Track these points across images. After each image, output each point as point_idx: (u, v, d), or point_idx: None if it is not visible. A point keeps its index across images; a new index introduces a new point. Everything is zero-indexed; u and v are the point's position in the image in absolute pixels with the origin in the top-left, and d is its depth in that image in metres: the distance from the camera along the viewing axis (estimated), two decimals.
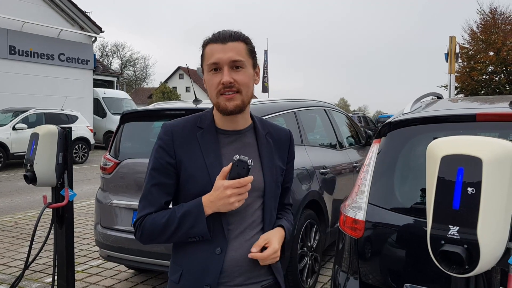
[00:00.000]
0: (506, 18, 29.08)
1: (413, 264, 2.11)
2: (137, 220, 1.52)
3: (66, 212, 3.35)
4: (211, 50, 1.48)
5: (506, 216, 1.23)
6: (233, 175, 1.39)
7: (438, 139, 1.32)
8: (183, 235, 1.46)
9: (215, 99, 1.49)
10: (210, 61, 1.47)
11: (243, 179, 1.38)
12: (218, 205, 1.41)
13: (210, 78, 1.49)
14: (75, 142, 14.78)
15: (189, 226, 1.44)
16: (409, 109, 2.51)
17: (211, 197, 1.42)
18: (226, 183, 1.38)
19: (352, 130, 6.26)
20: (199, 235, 1.45)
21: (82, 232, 6.44)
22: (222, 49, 1.46)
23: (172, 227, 1.45)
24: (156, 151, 1.54)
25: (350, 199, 2.41)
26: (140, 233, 1.51)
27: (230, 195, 1.38)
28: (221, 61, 1.46)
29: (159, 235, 1.48)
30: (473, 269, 1.18)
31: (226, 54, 1.46)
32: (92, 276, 4.75)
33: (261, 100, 4.58)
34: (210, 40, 1.50)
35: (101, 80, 25.67)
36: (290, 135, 1.70)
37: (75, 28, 20.80)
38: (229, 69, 1.46)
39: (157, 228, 1.47)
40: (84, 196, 9.11)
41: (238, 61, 1.47)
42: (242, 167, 1.37)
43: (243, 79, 1.48)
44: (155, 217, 1.48)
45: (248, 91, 1.51)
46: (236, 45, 1.48)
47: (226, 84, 1.45)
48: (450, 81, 15.16)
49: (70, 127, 3.42)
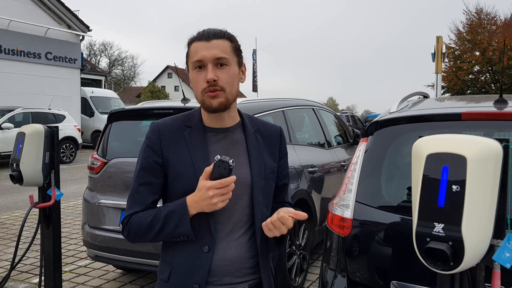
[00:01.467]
0: (491, 18, 29.47)
1: (399, 261, 2.13)
2: (125, 219, 1.52)
3: (53, 212, 3.33)
4: (195, 48, 1.49)
5: (490, 214, 1.25)
6: (215, 175, 1.38)
7: (423, 138, 1.34)
8: (168, 235, 1.47)
9: (200, 97, 1.49)
10: (194, 58, 1.48)
11: (225, 180, 1.37)
12: (201, 206, 1.41)
13: (195, 76, 1.49)
14: (62, 142, 14.64)
15: (173, 226, 1.44)
16: (395, 108, 2.53)
17: (195, 197, 1.42)
18: (208, 184, 1.38)
19: (340, 129, 6.29)
20: (183, 235, 1.45)
21: (70, 232, 6.39)
22: (206, 46, 1.46)
23: (157, 227, 1.46)
24: (144, 151, 1.54)
25: (337, 198, 2.42)
26: (127, 232, 1.51)
27: (212, 195, 1.38)
28: (205, 59, 1.46)
29: (144, 234, 1.49)
30: (458, 265, 1.19)
31: (210, 52, 1.46)
32: (80, 276, 4.71)
33: (250, 99, 4.58)
34: (195, 38, 1.50)
35: (88, 79, 25.44)
36: (280, 132, 1.70)
37: (62, 26, 20.59)
38: (213, 66, 1.46)
39: (143, 227, 1.47)
40: (72, 195, 9.03)
41: (222, 58, 1.47)
42: (223, 167, 1.36)
43: (227, 77, 1.48)
44: (141, 216, 1.49)
45: (233, 89, 1.51)
46: (220, 42, 1.48)
47: (210, 81, 1.45)
48: (437, 80, 15.32)
49: (57, 127, 3.39)
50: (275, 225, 1.42)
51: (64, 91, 19.95)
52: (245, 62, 1.59)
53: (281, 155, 1.68)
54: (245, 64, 1.59)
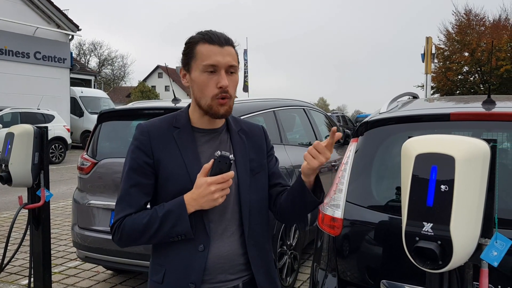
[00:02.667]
0: (480, 19, 29.76)
1: (389, 260, 2.14)
2: (115, 222, 1.50)
3: (43, 212, 3.30)
4: (208, 50, 1.48)
5: (478, 213, 1.26)
6: (215, 171, 1.40)
7: (412, 138, 1.35)
8: (165, 235, 1.46)
9: (209, 101, 1.50)
10: (207, 62, 1.47)
11: (225, 174, 1.40)
12: (201, 202, 1.42)
13: (204, 79, 1.49)
14: (51, 142, 14.53)
15: (171, 225, 1.44)
16: (385, 108, 2.55)
17: (194, 195, 1.42)
18: (209, 180, 1.39)
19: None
20: (181, 234, 1.45)
21: (59, 233, 6.34)
22: (220, 52, 1.48)
23: (153, 227, 1.45)
24: (133, 152, 1.53)
25: (328, 198, 2.43)
26: (119, 235, 1.49)
27: (214, 191, 1.39)
28: (220, 64, 1.47)
29: (139, 236, 1.47)
30: (446, 264, 1.21)
31: (224, 58, 1.48)
32: (70, 277, 4.68)
33: (241, 100, 4.58)
34: (206, 40, 1.49)
35: (78, 79, 25.25)
36: (263, 130, 1.75)
37: (51, 26, 20.42)
38: (225, 73, 1.49)
39: (138, 229, 1.46)
40: (61, 196, 8.97)
41: (234, 66, 1.51)
42: (224, 162, 1.39)
43: (234, 85, 1.54)
44: (135, 218, 1.47)
45: (234, 96, 1.56)
46: (231, 50, 1.52)
47: (224, 87, 1.47)
48: (427, 81, 15.47)
49: (46, 127, 3.37)
50: (312, 154, 1.49)
51: (53, 91, 19.78)
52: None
53: (268, 148, 1.73)
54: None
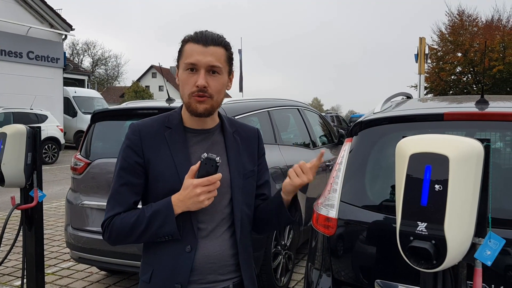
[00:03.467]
0: (473, 20, 29.91)
1: (384, 260, 2.15)
2: (105, 221, 1.51)
3: (35, 213, 3.28)
4: (191, 49, 1.49)
5: (471, 212, 1.27)
6: (202, 173, 1.40)
7: (406, 138, 1.35)
8: (152, 235, 1.46)
9: (187, 98, 1.50)
10: (188, 60, 1.48)
11: (212, 177, 1.39)
12: (187, 204, 1.42)
13: (185, 77, 1.50)
14: (44, 142, 14.44)
15: (158, 226, 1.44)
16: (379, 108, 2.56)
17: (181, 196, 1.42)
18: (195, 182, 1.39)
19: (325, 129, 6.33)
20: (168, 235, 1.45)
21: (52, 234, 6.31)
22: (202, 51, 1.47)
23: (141, 227, 1.45)
24: (124, 151, 1.54)
25: (322, 198, 2.44)
26: (109, 234, 1.50)
27: (200, 193, 1.39)
28: (199, 64, 1.47)
29: (128, 235, 1.48)
30: (440, 264, 1.21)
31: (205, 58, 1.47)
32: (63, 278, 4.66)
33: (235, 100, 4.58)
34: (192, 39, 1.50)
35: (71, 78, 25.12)
36: (258, 133, 1.74)
37: (45, 25, 20.30)
38: (206, 72, 1.47)
39: (126, 228, 1.47)
40: (55, 197, 8.92)
41: (216, 66, 1.48)
42: (210, 164, 1.39)
43: (217, 86, 1.50)
44: (124, 217, 1.48)
45: (219, 97, 1.53)
46: (216, 50, 1.49)
47: (200, 87, 1.46)
48: (420, 81, 15.54)
49: (40, 127, 3.35)
50: (297, 172, 1.52)
51: (46, 91, 19.66)
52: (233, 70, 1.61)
53: (260, 154, 1.72)
54: (233, 71, 1.61)
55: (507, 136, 2.38)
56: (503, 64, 26.61)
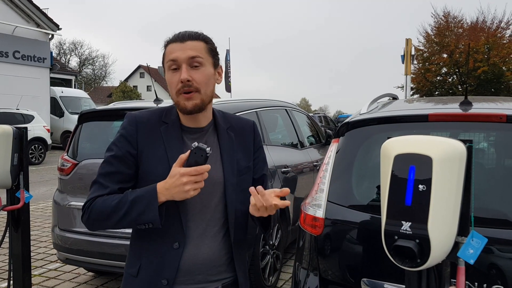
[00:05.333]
0: (458, 21, 30.22)
1: (370, 259, 2.17)
2: (87, 202, 1.47)
3: (22, 214, 3.25)
4: (170, 49, 1.50)
5: (454, 212, 1.29)
6: (190, 162, 1.36)
7: (391, 139, 1.37)
8: (132, 221, 1.41)
9: (175, 98, 1.50)
10: (168, 58, 1.49)
11: (200, 167, 1.35)
12: (172, 193, 1.38)
13: (170, 77, 1.50)
14: (31, 143, 14.28)
15: (139, 212, 1.39)
16: (366, 109, 2.58)
17: (166, 184, 1.39)
18: (182, 170, 1.36)
19: (312, 129, 6.36)
20: (148, 222, 1.40)
21: (39, 235, 6.25)
22: (180, 47, 1.48)
23: (121, 211, 1.40)
24: (118, 140, 1.53)
25: (310, 198, 2.46)
26: (88, 215, 1.45)
27: (185, 182, 1.35)
28: (179, 59, 1.47)
29: (106, 218, 1.43)
30: (424, 262, 1.23)
31: (184, 52, 1.47)
32: (50, 280, 4.62)
33: (223, 100, 4.59)
34: (170, 40, 1.52)
35: (58, 78, 24.87)
36: (253, 126, 1.71)
37: (31, 25, 20.07)
38: (187, 67, 1.47)
39: (106, 210, 1.42)
40: (41, 198, 8.84)
41: (196, 57, 1.47)
42: (200, 154, 1.35)
43: (201, 78, 1.49)
44: (106, 199, 1.44)
45: (208, 90, 1.51)
46: (195, 44, 1.49)
47: (183, 81, 1.45)
48: (406, 82, 15.68)
49: (26, 127, 3.32)
50: (259, 206, 1.39)
51: (32, 91, 19.44)
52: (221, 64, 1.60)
53: (256, 148, 1.70)
54: (221, 65, 1.60)
55: (490, 136, 2.42)
56: (487, 65, 26.93)
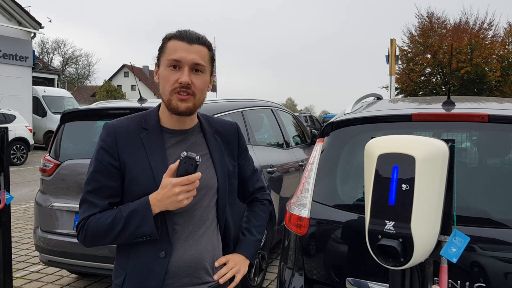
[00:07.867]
0: (442, 22, 30.65)
1: (354, 258, 2.18)
2: (80, 222, 1.46)
3: (3, 216, 3.21)
4: (174, 46, 1.47)
5: (437, 211, 1.30)
6: (181, 172, 1.37)
7: (375, 139, 1.38)
8: (130, 236, 1.42)
9: (168, 95, 1.47)
10: (172, 57, 1.46)
11: (191, 176, 1.36)
12: (166, 203, 1.39)
13: (166, 73, 1.47)
14: (12, 143, 14.07)
15: (136, 226, 1.40)
16: (350, 109, 2.60)
17: (158, 196, 1.39)
18: (174, 181, 1.36)
19: (298, 129, 6.38)
20: (146, 235, 1.42)
21: (21, 237, 6.16)
22: (187, 49, 1.46)
23: (118, 227, 1.41)
24: (98, 153, 1.50)
25: (295, 197, 2.46)
26: (84, 235, 1.45)
27: (178, 192, 1.36)
28: (184, 61, 1.45)
29: (104, 236, 1.44)
30: (407, 261, 1.24)
31: (190, 55, 1.45)
32: (32, 282, 4.55)
33: (209, 100, 4.57)
34: (176, 36, 1.49)
35: (41, 77, 24.54)
36: (237, 128, 1.72)
37: (13, 23, 19.77)
38: (189, 70, 1.46)
39: (102, 228, 1.42)
40: (23, 199, 8.71)
41: (200, 65, 1.47)
42: (190, 163, 1.36)
43: (200, 84, 1.49)
44: (100, 218, 1.44)
45: (201, 96, 1.52)
46: (201, 48, 1.49)
47: (183, 84, 1.44)
48: (391, 82, 15.83)
49: (7, 127, 3.28)
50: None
51: (14, 90, 19.15)
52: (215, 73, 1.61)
53: (241, 151, 1.71)
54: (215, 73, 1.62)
55: (472, 136, 2.45)
56: (470, 66, 27.35)
